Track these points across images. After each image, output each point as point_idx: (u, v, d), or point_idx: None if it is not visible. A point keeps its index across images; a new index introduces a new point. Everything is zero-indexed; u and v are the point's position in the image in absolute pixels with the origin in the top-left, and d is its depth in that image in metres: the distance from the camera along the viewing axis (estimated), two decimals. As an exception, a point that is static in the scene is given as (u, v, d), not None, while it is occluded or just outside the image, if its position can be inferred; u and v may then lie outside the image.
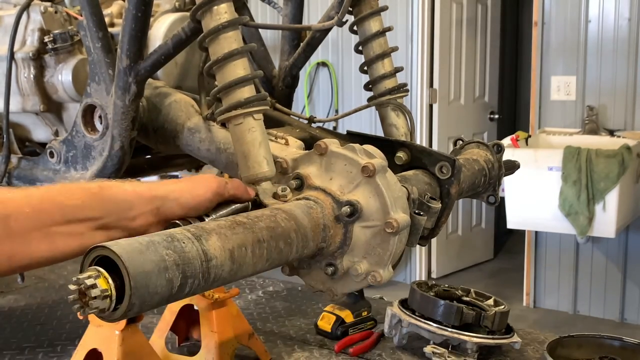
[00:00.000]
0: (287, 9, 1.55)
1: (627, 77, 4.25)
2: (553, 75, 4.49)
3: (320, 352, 1.67)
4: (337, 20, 1.24)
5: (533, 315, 4.59)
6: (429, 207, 1.03)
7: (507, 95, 6.35)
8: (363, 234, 0.93)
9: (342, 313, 1.76)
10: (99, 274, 0.69)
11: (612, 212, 3.73)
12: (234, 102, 1.03)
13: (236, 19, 1.03)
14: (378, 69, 1.36)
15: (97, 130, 1.38)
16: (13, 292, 2.21)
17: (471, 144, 1.37)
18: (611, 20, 4.26)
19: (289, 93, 1.58)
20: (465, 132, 5.17)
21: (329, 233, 0.93)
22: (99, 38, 1.29)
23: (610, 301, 4.46)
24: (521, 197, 3.94)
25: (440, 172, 1.15)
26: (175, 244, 0.73)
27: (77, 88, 1.46)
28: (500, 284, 5.25)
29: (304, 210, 0.91)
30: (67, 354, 1.67)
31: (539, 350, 1.62)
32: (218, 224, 0.80)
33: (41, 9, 1.50)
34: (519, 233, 5.43)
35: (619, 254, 4.39)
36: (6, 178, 1.57)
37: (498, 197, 1.37)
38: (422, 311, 1.56)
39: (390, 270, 0.94)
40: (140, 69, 1.22)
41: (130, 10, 1.16)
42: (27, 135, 1.63)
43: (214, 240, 0.76)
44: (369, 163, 0.92)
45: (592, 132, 4.27)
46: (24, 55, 1.48)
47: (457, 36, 5.20)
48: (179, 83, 1.51)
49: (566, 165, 3.79)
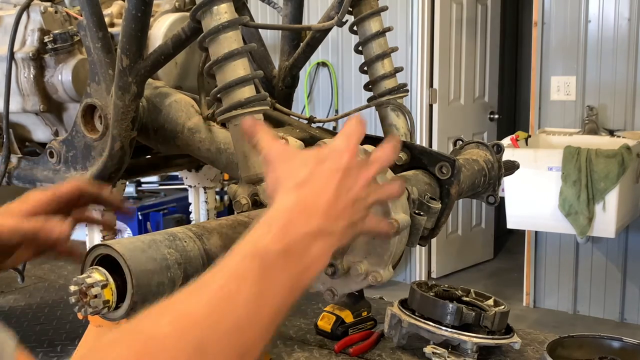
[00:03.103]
0: (287, 9, 1.56)
1: (627, 77, 4.25)
2: (553, 75, 4.49)
3: (320, 352, 1.67)
4: (337, 20, 1.25)
5: (533, 315, 4.59)
6: (429, 207, 1.04)
7: (507, 95, 6.35)
8: (363, 234, 0.93)
9: (342, 313, 1.76)
10: (99, 273, 0.69)
11: (612, 212, 3.73)
12: (234, 102, 1.03)
13: (236, 19, 1.03)
14: (378, 69, 1.36)
15: (97, 130, 1.38)
16: (13, 292, 2.21)
17: (471, 144, 1.37)
18: (611, 20, 4.26)
19: (289, 93, 1.58)
20: (465, 132, 5.17)
21: (329, 233, 0.93)
22: (99, 38, 1.29)
23: (610, 301, 4.46)
24: (521, 197, 3.94)
25: (440, 172, 1.15)
26: (177, 242, 0.73)
27: (77, 88, 1.46)
28: (500, 284, 5.25)
29: (304, 210, 0.91)
30: (67, 354, 1.67)
31: (539, 351, 1.62)
32: (219, 223, 0.80)
33: (41, 9, 1.50)
34: (519, 233, 5.43)
35: (619, 254, 4.39)
36: (6, 178, 1.57)
37: (498, 197, 1.37)
38: (422, 311, 1.56)
39: (391, 270, 0.94)
40: (140, 69, 1.22)
41: (130, 10, 1.16)
42: (27, 135, 1.63)
43: (215, 239, 0.77)
44: (369, 163, 0.92)
45: (592, 132, 4.27)
46: (24, 55, 1.48)
47: (457, 36, 5.20)
48: (179, 83, 1.51)
49: (566, 165, 3.79)
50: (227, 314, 0.58)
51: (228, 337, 0.57)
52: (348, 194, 0.71)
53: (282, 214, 0.67)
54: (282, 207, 0.68)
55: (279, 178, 0.71)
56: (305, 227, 0.66)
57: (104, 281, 0.68)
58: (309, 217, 0.67)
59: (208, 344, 0.55)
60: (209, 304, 0.57)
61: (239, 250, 0.63)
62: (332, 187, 0.70)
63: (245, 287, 0.60)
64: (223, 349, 0.56)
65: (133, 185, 5.41)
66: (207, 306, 0.57)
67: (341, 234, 0.70)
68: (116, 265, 0.70)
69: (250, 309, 0.59)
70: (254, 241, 0.64)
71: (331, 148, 0.74)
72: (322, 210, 0.68)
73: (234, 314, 0.58)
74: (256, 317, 0.59)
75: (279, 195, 0.70)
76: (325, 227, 0.68)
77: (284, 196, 0.69)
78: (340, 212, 0.70)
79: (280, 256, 0.63)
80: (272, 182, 0.72)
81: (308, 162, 0.72)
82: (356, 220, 0.73)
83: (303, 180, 0.70)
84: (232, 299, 0.59)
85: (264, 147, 0.76)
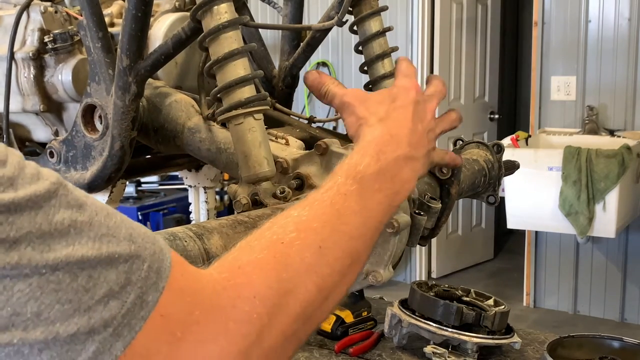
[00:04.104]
0: (287, 9, 1.56)
1: (627, 77, 4.25)
2: (553, 75, 4.49)
3: (320, 352, 1.67)
4: (337, 20, 1.24)
5: (533, 315, 4.59)
6: (429, 207, 1.03)
7: (507, 95, 6.35)
8: (363, 234, 0.93)
9: (342, 313, 1.76)
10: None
11: (612, 212, 3.73)
12: (234, 102, 1.03)
13: (236, 19, 1.03)
14: (378, 69, 1.36)
15: (97, 130, 1.37)
16: (13, 292, 2.21)
17: (471, 144, 1.37)
18: (611, 20, 4.26)
19: (289, 93, 1.58)
20: (465, 132, 5.17)
21: (329, 233, 0.93)
22: (99, 38, 1.29)
23: (610, 301, 4.46)
24: (521, 197, 3.94)
25: (441, 172, 1.15)
26: (177, 242, 0.73)
27: (77, 88, 1.46)
28: (500, 284, 5.25)
29: (304, 210, 0.91)
30: (67, 354, 1.67)
31: (539, 351, 1.62)
32: (220, 222, 0.80)
33: (41, 9, 1.50)
34: (519, 233, 5.43)
35: (619, 254, 4.39)
36: (6, 178, 1.57)
37: (498, 197, 1.37)
38: (422, 311, 1.56)
39: (391, 270, 0.94)
40: (140, 69, 1.22)
41: (130, 10, 1.16)
42: (27, 135, 1.63)
43: (215, 239, 0.77)
44: (369, 163, 0.92)
45: (592, 132, 4.27)
46: (24, 55, 1.48)
47: (457, 36, 5.20)
48: (179, 83, 1.51)
49: (566, 165, 3.79)
50: (341, 225, 0.66)
51: (342, 244, 0.65)
52: (422, 124, 0.82)
53: (373, 144, 0.75)
54: (372, 137, 0.76)
55: (361, 117, 0.81)
56: (395, 152, 0.75)
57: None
58: (397, 145, 0.76)
59: (328, 247, 0.63)
60: (324, 215, 0.66)
61: (340, 173, 0.71)
62: (409, 119, 0.79)
63: (351, 203, 0.68)
64: (340, 253, 0.64)
65: (133, 185, 5.40)
66: (322, 217, 0.65)
67: (423, 159, 0.80)
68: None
69: (359, 222, 0.68)
70: (352, 166, 0.72)
71: (399, 87, 0.83)
72: (405, 138, 0.77)
73: (346, 226, 0.66)
74: (363, 229, 0.68)
75: (364, 131, 0.79)
76: (410, 153, 0.77)
77: (370, 130, 0.78)
78: (419, 140, 0.80)
79: (376, 178, 0.72)
80: (354, 122, 0.82)
81: (383, 100, 0.81)
82: (430, 149, 0.83)
83: (384, 116, 0.79)
84: (342, 213, 0.67)
85: (337, 93, 0.85)
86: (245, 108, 1.03)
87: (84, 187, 1.38)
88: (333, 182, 0.70)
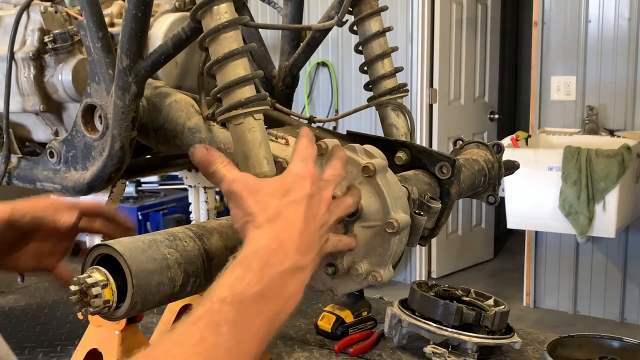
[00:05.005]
0: (287, 9, 1.56)
1: (627, 77, 4.25)
2: (553, 75, 4.49)
3: (320, 352, 1.67)
4: (337, 20, 1.24)
5: (533, 315, 4.59)
6: (429, 207, 1.03)
7: (507, 95, 6.35)
8: (364, 234, 0.93)
9: (342, 313, 1.76)
10: (100, 273, 0.69)
11: (612, 212, 3.73)
12: (234, 102, 1.03)
13: (236, 19, 1.03)
14: (378, 69, 1.36)
15: (97, 130, 1.37)
16: (13, 292, 2.21)
17: (471, 144, 1.37)
18: (611, 20, 4.26)
19: (289, 93, 1.58)
20: (465, 132, 5.17)
21: (329, 233, 0.93)
22: (99, 38, 1.29)
23: (610, 301, 4.46)
24: (521, 197, 3.94)
25: (440, 172, 1.15)
26: (177, 242, 0.73)
27: (77, 88, 1.46)
28: (500, 284, 5.25)
29: (304, 210, 0.91)
30: (67, 354, 1.67)
31: (539, 350, 1.62)
32: (219, 223, 0.80)
33: (41, 9, 1.50)
34: (519, 233, 5.43)
35: (619, 254, 4.39)
36: (6, 178, 1.57)
37: (498, 197, 1.37)
38: (422, 311, 1.56)
39: (391, 270, 0.94)
40: (140, 69, 1.22)
41: (130, 10, 1.16)
42: (27, 135, 1.63)
43: (215, 239, 0.77)
44: (369, 163, 0.92)
45: (592, 132, 4.27)
46: (24, 55, 1.48)
47: (457, 36, 5.20)
48: (179, 83, 1.51)
49: (566, 165, 3.79)
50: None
51: None
52: (315, 221, 0.72)
53: (257, 256, 0.67)
54: (257, 247, 0.68)
55: (248, 213, 0.71)
56: (281, 265, 0.66)
57: (104, 281, 0.69)
58: (284, 255, 0.67)
59: None
60: (191, 357, 0.59)
61: (215, 295, 0.63)
62: (301, 217, 0.70)
63: (225, 338, 0.61)
64: None
65: (133, 185, 5.40)
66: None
67: (312, 265, 0.71)
68: (117, 265, 0.70)
69: (231, 357, 0.61)
70: (232, 284, 0.64)
71: (294, 175, 0.74)
72: (294, 245, 0.69)
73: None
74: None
75: (251, 234, 0.70)
76: (298, 263, 0.68)
77: (257, 234, 0.69)
78: (310, 243, 0.71)
79: (258, 300, 0.64)
80: (240, 217, 0.72)
81: (275, 193, 0.72)
82: (322, 246, 0.74)
83: (273, 215, 0.70)
84: (212, 351, 0.60)
85: (225, 178, 0.75)
86: (245, 108, 1.03)
87: (84, 187, 1.38)
88: (206, 309, 0.62)
